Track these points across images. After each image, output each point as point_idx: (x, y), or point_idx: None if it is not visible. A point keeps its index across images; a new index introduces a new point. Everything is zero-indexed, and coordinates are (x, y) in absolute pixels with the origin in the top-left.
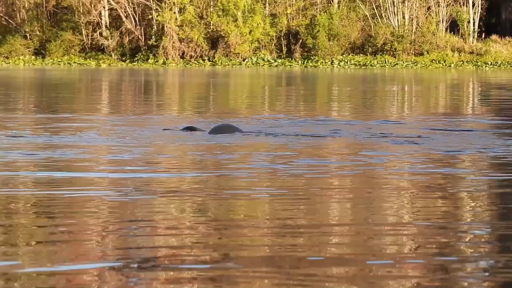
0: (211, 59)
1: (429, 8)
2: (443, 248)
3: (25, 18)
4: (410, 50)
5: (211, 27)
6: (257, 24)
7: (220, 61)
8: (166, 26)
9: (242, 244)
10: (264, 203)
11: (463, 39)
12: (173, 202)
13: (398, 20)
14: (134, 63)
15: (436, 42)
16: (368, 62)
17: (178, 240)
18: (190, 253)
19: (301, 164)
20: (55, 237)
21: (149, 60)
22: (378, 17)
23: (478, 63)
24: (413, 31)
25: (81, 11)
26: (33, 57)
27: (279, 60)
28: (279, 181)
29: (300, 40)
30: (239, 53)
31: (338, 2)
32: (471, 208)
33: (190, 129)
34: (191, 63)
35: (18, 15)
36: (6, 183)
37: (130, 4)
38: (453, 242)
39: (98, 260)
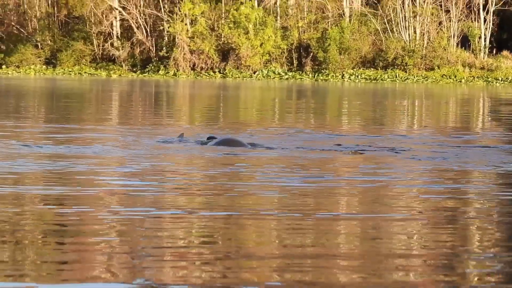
0: (221, 71)
1: (440, 23)
2: (454, 275)
3: (37, 27)
4: (421, 65)
5: (222, 39)
6: (268, 37)
7: (231, 73)
8: (177, 38)
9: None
10: (269, 223)
11: (474, 54)
12: (183, 219)
13: (409, 35)
14: (144, 74)
15: (447, 57)
16: (379, 76)
17: (187, 260)
18: (198, 275)
19: (307, 179)
20: (65, 256)
21: (160, 71)
22: (390, 31)
23: (489, 79)
24: (424, 46)
25: (92, 21)
26: (44, 66)
27: (290, 73)
28: (285, 198)
29: (311, 54)
30: (250, 66)
31: (350, 16)
32: (482, 228)
33: (213, 138)
34: (201, 75)
35: (29, 25)
36: (15, 196)
37: (142, 15)
38: (465, 268)
39: (107, 278)
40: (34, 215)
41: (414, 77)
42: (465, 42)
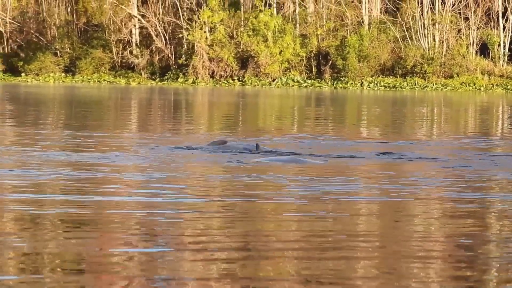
0: (240, 79)
1: (459, 30)
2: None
3: (56, 35)
4: (440, 73)
5: (241, 47)
6: (287, 45)
7: (250, 81)
8: (196, 45)
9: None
10: (287, 232)
11: (493, 62)
12: (200, 224)
13: (428, 43)
14: (163, 82)
15: (466, 65)
16: (398, 84)
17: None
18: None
19: (325, 187)
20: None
21: (179, 79)
22: (409, 39)
23: (508, 87)
24: (443, 54)
25: (111, 29)
26: (63, 74)
27: (309, 81)
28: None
29: (330, 61)
30: (269, 73)
31: (369, 24)
32: (501, 233)
33: (223, 143)
34: (220, 82)
35: (49, 32)
36: (34, 202)
37: (161, 23)
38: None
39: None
40: (51, 218)
41: (433, 85)
42: (484, 49)
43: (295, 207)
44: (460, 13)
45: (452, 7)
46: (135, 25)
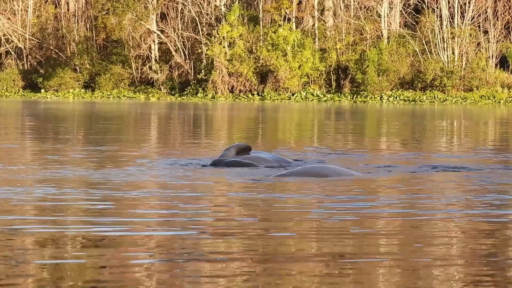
0: (260, 94)
1: (478, 44)
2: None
3: (75, 51)
4: (459, 86)
5: (261, 62)
6: (307, 59)
7: (269, 95)
8: (216, 60)
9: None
10: (306, 247)
11: None
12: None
13: (447, 56)
14: (183, 97)
15: (486, 78)
16: (417, 97)
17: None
18: None
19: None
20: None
21: (198, 94)
22: (428, 52)
23: None
24: (463, 67)
25: (131, 44)
26: (82, 90)
27: (328, 95)
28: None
29: (350, 75)
30: (288, 88)
31: (388, 38)
32: None
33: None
34: (240, 97)
35: (68, 48)
36: (54, 221)
37: (180, 38)
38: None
39: None
40: (71, 237)
41: (453, 98)
42: (504, 62)
43: (319, 223)
44: (479, 26)
45: (471, 20)
46: (154, 41)
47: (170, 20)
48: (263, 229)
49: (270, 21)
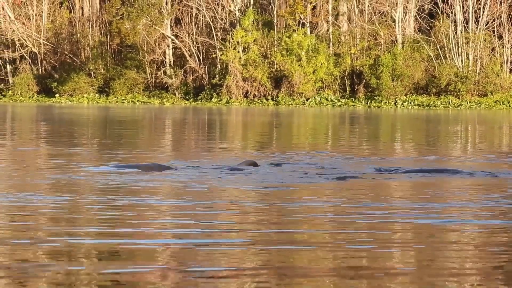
0: (274, 99)
1: (493, 49)
2: None
3: (90, 56)
4: (474, 91)
5: (275, 67)
6: (321, 64)
7: (284, 100)
8: (230, 65)
9: None
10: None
11: None
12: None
13: (462, 61)
14: (197, 102)
15: (500, 83)
16: (432, 102)
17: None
18: None
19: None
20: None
21: (213, 99)
22: (442, 57)
23: None
24: (477, 72)
25: (145, 49)
26: (97, 95)
27: (343, 100)
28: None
29: (364, 80)
30: (302, 93)
31: (402, 43)
32: None
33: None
34: (254, 102)
35: (82, 53)
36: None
37: (194, 43)
38: None
39: None
40: (85, 247)
41: (467, 103)
42: None
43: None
44: (493, 31)
45: (486, 25)
46: (168, 46)
47: (184, 25)
48: (278, 241)
49: (284, 26)
